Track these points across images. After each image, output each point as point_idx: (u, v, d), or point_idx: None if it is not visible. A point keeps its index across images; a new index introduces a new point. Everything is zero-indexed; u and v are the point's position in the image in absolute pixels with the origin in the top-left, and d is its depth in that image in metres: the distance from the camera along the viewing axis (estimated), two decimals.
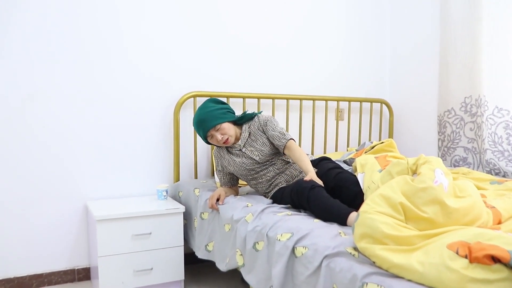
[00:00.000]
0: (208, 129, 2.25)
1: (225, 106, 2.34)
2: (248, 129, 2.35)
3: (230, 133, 2.27)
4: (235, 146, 2.34)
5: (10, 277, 2.51)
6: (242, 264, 1.94)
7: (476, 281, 1.09)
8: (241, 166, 2.31)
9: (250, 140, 2.32)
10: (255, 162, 2.29)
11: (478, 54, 2.85)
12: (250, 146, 2.31)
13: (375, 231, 1.32)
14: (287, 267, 1.65)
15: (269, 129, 2.29)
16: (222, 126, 2.25)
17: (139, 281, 2.42)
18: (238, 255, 1.97)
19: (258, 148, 2.28)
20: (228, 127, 2.27)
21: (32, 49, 2.49)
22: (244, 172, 2.32)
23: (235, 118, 2.33)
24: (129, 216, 2.37)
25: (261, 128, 2.32)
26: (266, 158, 2.28)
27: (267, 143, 2.28)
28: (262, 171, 2.31)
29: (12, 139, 2.48)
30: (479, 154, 2.90)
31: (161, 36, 2.81)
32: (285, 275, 1.65)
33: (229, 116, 2.30)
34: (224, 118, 2.26)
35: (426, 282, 1.17)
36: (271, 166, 2.30)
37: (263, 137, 2.30)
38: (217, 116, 2.25)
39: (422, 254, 1.23)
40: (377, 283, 1.25)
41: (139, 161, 2.81)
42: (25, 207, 2.54)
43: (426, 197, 1.44)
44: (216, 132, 2.26)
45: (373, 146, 2.29)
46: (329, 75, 3.43)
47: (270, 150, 2.28)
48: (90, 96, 2.65)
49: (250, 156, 2.29)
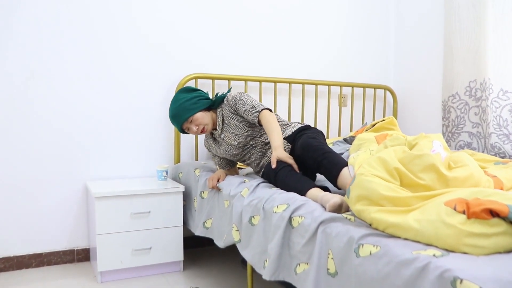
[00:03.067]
0: (182, 122, 2.21)
1: (197, 93, 2.26)
2: (221, 113, 2.27)
3: (204, 121, 2.22)
4: (215, 133, 2.30)
5: (9, 256, 2.51)
6: (239, 239, 1.92)
7: (474, 236, 1.07)
8: (226, 152, 2.28)
9: (226, 125, 2.25)
10: (235, 147, 2.24)
11: (483, 37, 2.81)
12: (227, 131, 2.25)
13: (372, 193, 1.29)
14: (284, 238, 1.62)
15: (239, 107, 2.19)
16: (195, 117, 2.20)
17: (138, 260, 2.40)
18: (234, 231, 1.95)
19: (233, 133, 2.21)
20: (202, 116, 2.21)
21: (40, 28, 2.49)
22: (230, 157, 2.30)
23: (207, 104, 2.26)
24: (128, 194, 2.35)
25: (231, 109, 2.23)
26: (244, 141, 2.22)
27: (240, 126, 2.20)
28: (246, 154, 2.27)
29: (13, 119, 2.48)
30: (484, 139, 2.85)
31: (167, 13, 2.80)
32: (281, 247, 1.62)
33: (201, 104, 2.23)
34: (195, 109, 2.20)
35: (423, 239, 1.14)
36: (252, 149, 2.25)
37: (235, 120, 2.21)
38: (188, 108, 2.20)
39: (419, 213, 1.20)
40: (373, 244, 1.22)
41: (140, 142, 2.80)
42: (25, 187, 2.53)
43: (423, 164, 1.42)
44: (190, 124, 2.22)
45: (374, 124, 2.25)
46: (332, 60, 3.40)
47: (245, 132, 2.20)
48: (92, 76, 2.65)
49: (228, 142, 2.25)
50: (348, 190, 1.40)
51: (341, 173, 1.83)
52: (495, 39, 2.78)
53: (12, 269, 2.51)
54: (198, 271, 2.55)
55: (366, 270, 1.20)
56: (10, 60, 2.45)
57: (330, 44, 3.39)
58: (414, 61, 3.48)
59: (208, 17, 2.94)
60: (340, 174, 1.83)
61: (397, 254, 1.12)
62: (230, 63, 3.04)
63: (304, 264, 1.50)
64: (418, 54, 3.44)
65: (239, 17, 3.04)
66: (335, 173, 1.85)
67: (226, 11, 2.99)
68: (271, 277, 1.61)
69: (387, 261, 1.14)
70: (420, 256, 1.07)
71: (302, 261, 1.51)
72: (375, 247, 1.20)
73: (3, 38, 2.43)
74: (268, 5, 3.13)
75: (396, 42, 3.64)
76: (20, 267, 2.53)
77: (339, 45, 3.42)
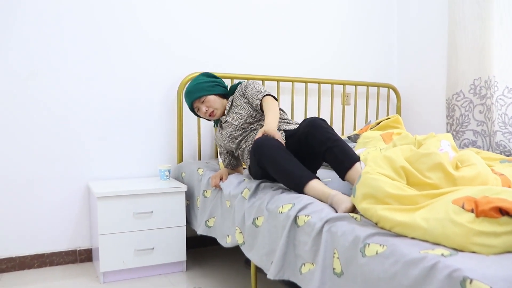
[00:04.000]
0: (193, 99, 2.26)
1: (216, 80, 2.33)
2: (232, 99, 2.31)
3: (215, 106, 2.26)
4: (222, 118, 2.32)
5: (12, 256, 2.49)
6: (242, 242, 1.90)
7: (483, 234, 1.04)
8: (226, 136, 2.25)
9: (232, 108, 2.28)
10: (235, 128, 2.21)
11: (487, 34, 2.78)
12: (232, 112, 2.26)
13: (378, 191, 1.27)
14: (289, 237, 1.60)
15: (248, 90, 2.21)
16: (208, 99, 2.25)
17: (141, 260, 2.39)
18: (237, 233, 1.92)
19: (237, 113, 2.22)
20: (214, 100, 2.26)
21: (42, 25, 2.47)
22: (230, 143, 2.25)
23: (223, 91, 2.31)
24: (130, 193, 2.34)
25: (241, 92, 2.26)
26: (245, 122, 2.19)
27: (245, 106, 2.21)
28: (244, 138, 2.22)
29: (14, 118, 2.47)
30: (489, 137, 2.83)
31: (170, 10, 2.79)
32: (286, 246, 1.60)
33: (217, 89, 2.29)
34: (210, 91, 2.26)
35: (431, 238, 1.12)
36: (251, 133, 2.21)
37: (242, 101, 2.23)
38: (204, 88, 2.25)
39: (426, 212, 1.18)
40: (380, 243, 1.20)
41: (142, 142, 2.78)
42: (27, 188, 2.52)
43: (430, 163, 1.39)
44: (201, 104, 2.27)
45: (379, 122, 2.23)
46: (335, 58, 3.38)
47: (248, 113, 2.19)
48: (95, 75, 2.63)
49: (231, 122, 2.24)
50: (354, 188, 1.38)
51: (355, 167, 1.73)
52: (500, 36, 2.75)
53: (14, 269, 2.50)
54: (201, 271, 2.53)
55: (372, 270, 1.17)
56: (12, 58, 2.44)
57: (332, 43, 3.37)
58: (417, 59, 3.46)
59: (212, 15, 2.92)
60: (353, 168, 1.73)
61: (404, 253, 1.10)
62: (233, 61, 3.02)
63: (310, 264, 1.48)
64: (421, 52, 3.42)
65: (242, 15, 3.02)
66: (347, 165, 1.73)
67: (229, 9, 2.97)
68: (276, 276, 1.59)
69: (394, 261, 1.12)
70: (428, 255, 1.05)
71: (308, 261, 1.49)
72: (382, 247, 1.18)
73: (5, 35, 2.42)
74: (271, 3, 3.11)
75: (399, 40, 3.61)
76: (22, 267, 2.52)
77: (342, 43, 3.40)
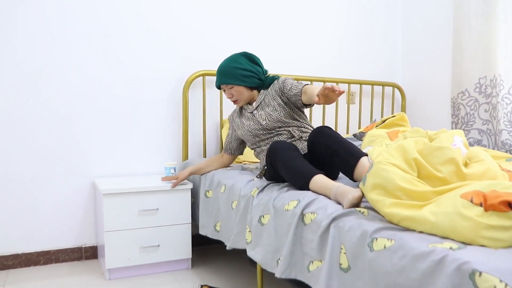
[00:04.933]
0: (223, 82, 2.21)
1: (256, 69, 2.22)
2: (265, 93, 2.25)
3: (241, 97, 2.22)
4: (248, 108, 2.27)
5: (18, 253, 2.50)
6: (250, 240, 1.89)
7: (491, 228, 1.04)
8: (248, 130, 2.23)
9: (264, 104, 2.22)
10: (261, 127, 2.19)
11: (493, 32, 2.78)
12: (262, 109, 2.21)
13: (388, 183, 1.27)
14: (295, 235, 1.60)
15: (286, 85, 2.14)
16: (237, 88, 2.20)
17: (146, 258, 2.39)
18: (247, 232, 1.92)
19: (268, 112, 2.17)
20: (242, 91, 2.21)
21: (49, 23, 2.49)
22: (250, 137, 2.25)
23: (256, 84, 2.23)
24: (136, 191, 2.34)
25: (278, 89, 2.19)
26: (273, 125, 2.16)
27: (277, 109, 2.16)
28: (268, 139, 2.21)
29: (21, 115, 2.48)
30: (494, 136, 2.82)
31: (176, 8, 2.80)
32: (293, 244, 1.60)
33: (251, 81, 2.20)
34: (243, 82, 2.18)
35: (439, 232, 1.12)
36: (276, 137, 2.18)
37: (276, 102, 2.18)
38: (237, 77, 2.18)
39: (434, 206, 1.18)
40: (388, 237, 1.20)
41: (148, 139, 2.79)
42: (33, 185, 2.53)
43: (443, 157, 1.39)
44: (229, 90, 2.22)
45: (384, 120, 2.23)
46: (340, 57, 3.38)
47: (278, 117, 2.15)
48: (100, 73, 2.64)
49: (258, 120, 2.19)
50: (364, 177, 1.37)
51: (360, 162, 1.69)
52: (505, 34, 2.75)
53: (20, 266, 2.51)
54: (206, 269, 2.54)
55: (380, 264, 1.18)
56: (18, 56, 2.45)
57: (337, 42, 3.37)
58: (422, 57, 3.45)
59: (217, 13, 2.93)
60: (359, 164, 1.69)
61: (412, 247, 1.10)
62: None
63: (318, 261, 1.48)
64: (426, 51, 3.41)
65: (247, 13, 3.02)
66: (352, 162, 1.70)
67: (234, 8, 2.98)
68: (282, 275, 1.59)
69: (402, 255, 1.12)
70: (437, 249, 1.05)
71: (316, 258, 1.49)
72: (390, 241, 1.18)
73: (12, 32, 2.43)
74: (276, 2, 3.11)
75: (404, 38, 3.61)
76: (28, 264, 2.53)
77: (346, 42, 3.40)
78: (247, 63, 2.20)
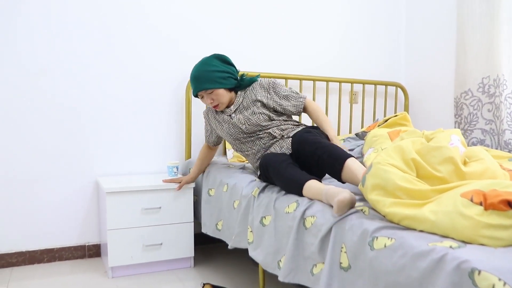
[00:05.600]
0: (201, 89, 2.12)
1: (230, 69, 2.17)
2: (243, 95, 2.20)
3: (222, 100, 2.15)
4: (226, 111, 2.22)
5: (22, 251, 2.52)
6: (252, 241, 1.90)
7: (491, 227, 1.05)
8: (228, 133, 2.20)
9: (242, 107, 2.18)
10: (240, 131, 2.16)
11: (496, 32, 2.77)
12: (240, 113, 2.17)
13: (388, 183, 1.28)
14: (297, 239, 1.60)
15: (279, 90, 2.15)
16: (217, 92, 2.12)
17: (149, 256, 2.40)
18: (249, 232, 1.93)
19: (246, 116, 2.13)
20: (223, 94, 2.14)
21: (51, 23, 2.50)
22: (230, 140, 2.24)
23: (233, 85, 2.18)
24: (139, 189, 2.36)
25: (265, 89, 2.17)
26: (253, 129, 2.13)
27: (256, 113, 2.12)
28: (248, 143, 2.19)
29: (23, 115, 2.50)
30: (498, 135, 2.82)
31: (179, 7, 2.81)
32: (295, 248, 1.60)
33: (229, 82, 2.14)
34: (222, 84, 2.12)
35: (439, 231, 1.13)
36: (257, 140, 2.16)
37: (256, 106, 2.15)
38: (215, 80, 2.10)
39: (434, 205, 1.18)
40: (388, 236, 1.21)
41: (150, 138, 2.80)
42: (37, 183, 2.55)
43: (441, 156, 1.40)
44: (208, 95, 2.14)
45: (386, 119, 2.23)
46: (343, 57, 3.39)
47: (258, 121, 2.12)
48: (104, 72, 2.66)
49: (237, 124, 2.16)
50: (364, 178, 1.38)
51: (346, 165, 1.67)
52: (509, 34, 2.74)
53: (24, 263, 2.52)
54: (209, 268, 2.55)
55: (381, 263, 1.18)
56: (20, 56, 2.47)
57: (340, 41, 3.37)
58: (425, 57, 3.45)
59: (220, 12, 2.94)
60: (345, 166, 1.67)
61: (413, 246, 1.11)
62: (241, 59, 3.03)
63: (321, 263, 1.48)
64: (429, 50, 3.41)
65: (250, 12, 3.03)
66: (338, 166, 1.69)
67: (237, 7, 2.99)
68: (286, 279, 1.60)
69: (402, 253, 1.13)
70: (437, 247, 1.05)
71: (319, 261, 1.49)
72: (390, 240, 1.19)
73: (14, 33, 2.45)
74: (279, 1, 3.12)
75: (407, 38, 3.61)
76: (32, 262, 2.54)
77: (349, 41, 3.41)
78: (221, 64, 2.15)
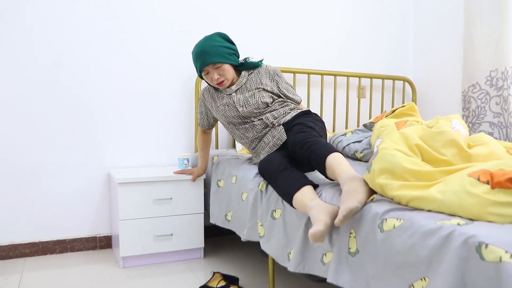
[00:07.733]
0: (208, 64, 2.07)
1: (234, 47, 2.16)
2: (247, 76, 2.19)
3: (228, 76, 2.12)
4: (226, 90, 2.19)
5: (35, 242, 2.57)
6: (263, 234, 1.92)
7: (498, 205, 1.07)
8: (223, 115, 2.19)
9: (244, 88, 2.17)
10: (236, 115, 2.15)
11: (504, 25, 2.78)
12: (241, 93, 2.16)
13: (395, 166, 1.30)
14: (306, 231, 1.63)
15: (282, 80, 2.20)
16: (224, 67, 2.09)
17: (160, 246, 2.44)
18: (259, 226, 1.95)
19: (246, 98, 2.12)
20: (229, 70, 2.11)
21: (62, 16, 2.55)
22: (225, 123, 2.23)
23: (237, 63, 2.17)
24: (150, 180, 2.39)
25: (270, 76, 2.18)
26: (248, 113, 2.12)
27: (256, 96, 2.12)
28: (241, 129, 2.18)
29: (37, 108, 2.54)
30: (506, 128, 2.83)
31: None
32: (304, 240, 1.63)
33: (234, 59, 2.14)
34: (228, 59, 2.09)
35: (447, 210, 1.15)
36: (250, 128, 2.15)
37: (257, 90, 2.14)
38: (222, 54, 2.07)
39: (442, 185, 1.20)
40: (397, 217, 1.23)
41: (162, 131, 2.84)
42: (50, 175, 2.59)
43: (444, 140, 1.42)
44: (215, 70, 2.09)
45: (394, 110, 2.25)
46: (351, 51, 3.41)
47: (256, 104, 2.11)
48: (116, 66, 2.70)
49: (235, 105, 2.14)
50: (370, 163, 1.40)
51: (327, 163, 1.64)
52: None
53: (37, 254, 2.57)
54: (219, 259, 2.58)
55: (391, 244, 1.20)
56: (33, 49, 2.52)
57: (347, 35, 3.39)
58: (433, 51, 3.46)
59: (231, 4, 2.97)
60: (326, 165, 1.65)
61: (421, 225, 1.13)
62: (252, 51, 3.06)
63: (331, 252, 1.49)
64: (437, 44, 3.42)
65: (259, 5, 3.06)
66: (321, 165, 1.67)
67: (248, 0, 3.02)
68: (296, 269, 1.62)
69: (411, 233, 1.15)
70: (444, 225, 1.07)
71: (328, 250, 1.51)
72: (399, 220, 1.21)
73: (28, 27, 2.49)
74: None
75: (414, 32, 3.62)
76: (45, 252, 2.59)
77: (356, 36, 3.43)
78: (225, 41, 2.13)
